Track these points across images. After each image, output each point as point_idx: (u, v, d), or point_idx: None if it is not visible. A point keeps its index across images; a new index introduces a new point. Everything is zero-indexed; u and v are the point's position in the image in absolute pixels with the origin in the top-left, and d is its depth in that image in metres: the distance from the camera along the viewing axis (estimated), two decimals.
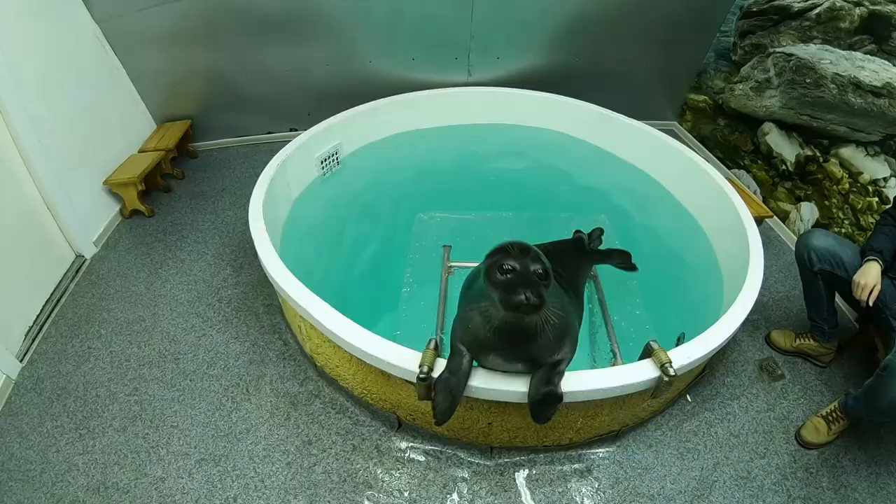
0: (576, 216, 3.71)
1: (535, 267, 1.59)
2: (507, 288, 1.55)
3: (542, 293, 1.54)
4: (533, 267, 1.59)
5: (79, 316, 3.20)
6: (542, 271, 1.60)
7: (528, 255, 1.61)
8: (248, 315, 3.18)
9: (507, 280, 1.56)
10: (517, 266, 1.57)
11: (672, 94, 5.27)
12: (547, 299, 1.57)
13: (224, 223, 3.93)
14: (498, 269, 1.58)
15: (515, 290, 1.53)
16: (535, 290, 1.53)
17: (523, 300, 1.51)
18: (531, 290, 1.52)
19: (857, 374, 2.97)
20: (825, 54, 3.51)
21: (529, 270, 1.58)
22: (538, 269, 1.59)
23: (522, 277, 1.56)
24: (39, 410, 2.69)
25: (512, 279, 1.55)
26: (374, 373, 2.35)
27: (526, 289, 1.52)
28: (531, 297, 1.51)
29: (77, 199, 3.52)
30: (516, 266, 1.57)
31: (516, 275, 1.56)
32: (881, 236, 2.51)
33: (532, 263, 1.59)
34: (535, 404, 1.92)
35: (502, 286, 1.56)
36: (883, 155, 3.18)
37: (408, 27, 4.30)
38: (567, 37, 4.53)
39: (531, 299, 1.51)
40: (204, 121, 4.74)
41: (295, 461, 2.46)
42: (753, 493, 2.43)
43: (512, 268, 1.57)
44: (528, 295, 1.51)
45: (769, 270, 3.57)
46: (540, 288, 1.55)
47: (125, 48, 4.07)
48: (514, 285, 1.54)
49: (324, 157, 3.75)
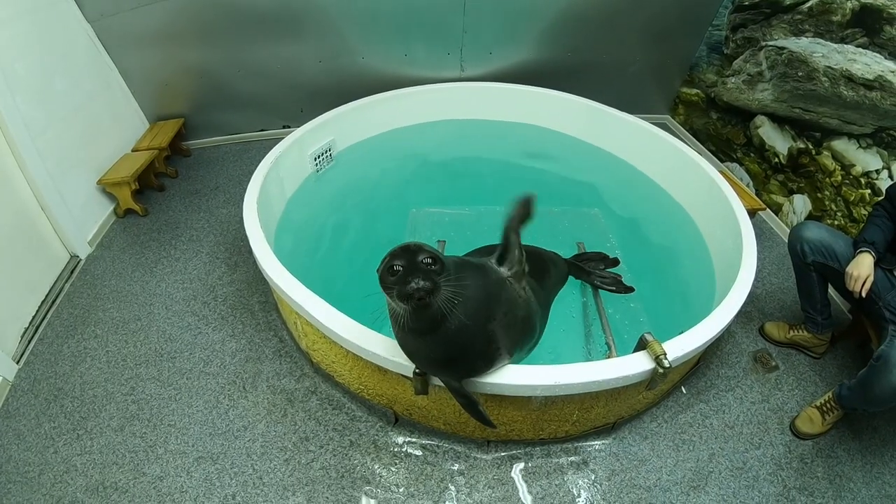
0: (570, 210, 3.72)
1: (422, 257, 1.59)
2: (399, 283, 1.55)
3: (432, 277, 1.55)
4: (419, 257, 1.59)
5: (74, 316, 3.20)
6: (430, 259, 1.60)
7: (411, 250, 1.62)
8: (243, 312, 3.18)
9: (397, 278, 1.56)
10: (404, 262, 1.57)
11: (664, 87, 5.28)
12: (442, 283, 1.58)
13: (218, 221, 3.93)
14: (388, 273, 1.58)
15: (406, 282, 1.54)
16: (425, 276, 1.54)
17: (414, 286, 1.52)
18: (420, 276, 1.53)
19: (850, 365, 2.99)
20: (817, 47, 3.52)
21: (416, 261, 1.58)
22: (424, 258, 1.59)
23: (410, 269, 1.56)
24: (37, 412, 2.69)
25: (401, 275, 1.56)
26: (371, 368, 2.35)
27: (415, 277, 1.53)
28: (421, 282, 1.52)
29: (71, 199, 3.52)
30: (403, 263, 1.57)
31: (404, 270, 1.56)
32: (873, 228, 2.52)
33: (418, 255, 1.60)
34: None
35: (395, 285, 1.56)
36: (875, 147, 3.19)
37: (400, 23, 4.29)
38: (560, 31, 4.53)
39: (421, 283, 1.52)
40: (197, 119, 4.74)
41: (293, 458, 2.47)
42: (749, 483, 2.45)
43: (400, 266, 1.57)
44: (417, 281, 1.52)
45: (762, 262, 3.59)
46: (430, 274, 1.56)
47: (117, 47, 4.07)
48: (403, 279, 1.55)
49: (317, 154, 3.76)
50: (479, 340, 1.83)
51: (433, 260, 1.60)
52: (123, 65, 4.17)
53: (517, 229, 1.99)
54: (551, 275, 2.64)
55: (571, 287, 3.10)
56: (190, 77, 4.43)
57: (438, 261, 1.61)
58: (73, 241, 3.53)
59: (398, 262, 1.57)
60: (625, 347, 2.56)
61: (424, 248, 1.63)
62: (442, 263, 1.62)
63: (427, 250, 1.62)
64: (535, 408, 2.28)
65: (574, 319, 2.95)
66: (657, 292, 3.20)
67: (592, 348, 2.76)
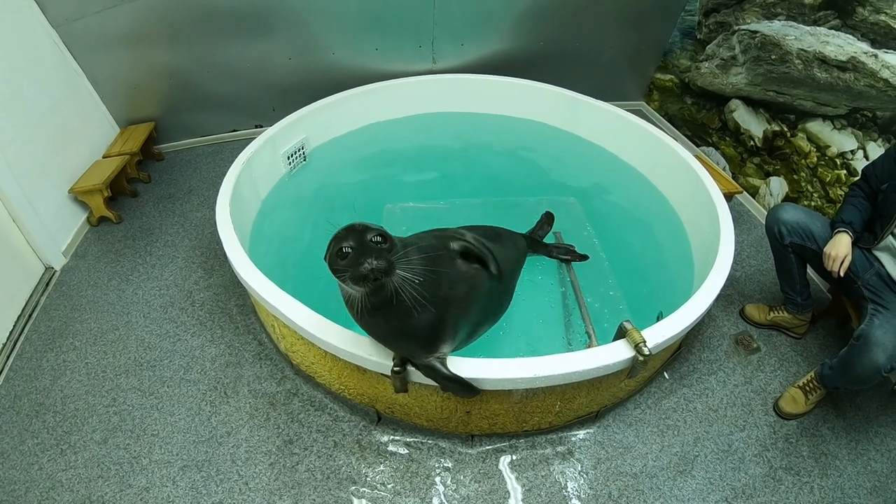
0: (545, 199, 3.70)
1: (370, 236, 1.56)
2: (351, 266, 1.51)
3: (385, 256, 1.52)
4: (368, 237, 1.55)
5: (52, 329, 3.14)
6: (379, 237, 1.57)
7: (357, 230, 1.58)
8: (221, 317, 3.15)
9: (348, 261, 1.52)
10: (352, 244, 1.54)
11: (638, 74, 5.29)
12: (394, 260, 1.55)
13: (193, 225, 3.88)
14: (338, 257, 1.55)
15: (359, 263, 1.50)
16: (377, 255, 1.51)
17: (367, 267, 1.48)
18: (373, 256, 1.50)
19: (831, 344, 3.02)
20: (790, 30, 3.53)
21: (366, 240, 1.54)
22: (373, 237, 1.56)
23: (360, 250, 1.52)
24: (19, 429, 2.64)
25: (352, 257, 1.52)
26: (350, 368, 2.34)
27: (367, 257, 1.50)
28: (374, 261, 1.49)
29: (42, 209, 3.45)
30: (352, 244, 1.54)
31: (355, 251, 1.52)
32: (850, 208, 2.54)
33: (366, 234, 1.56)
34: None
35: (349, 268, 1.52)
36: (850, 128, 3.21)
37: (369, 16, 4.26)
38: (532, 20, 4.53)
39: (375, 263, 1.49)
40: (168, 122, 4.66)
41: (278, 461, 2.45)
42: (735, 465, 2.47)
43: (349, 248, 1.53)
44: (369, 261, 1.49)
45: (741, 245, 3.61)
46: (382, 252, 1.53)
47: (84, 52, 3.99)
48: (355, 260, 1.51)
49: (290, 153, 3.72)
50: (432, 314, 1.79)
51: (382, 238, 1.57)
52: (91, 69, 4.09)
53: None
54: (511, 252, 2.64)
55: (549, 277, 3.10)
56: (159, 79, 4.36)
57: (388, 238, 1.59)
58: (46, 252, 3.46)
59: (346, 245, 1.54)
60: (605, 336, 2.56)
61: (371, 227, 1.60)
62: (391, 241, 1.60)
63: (374, 228, 1.59)
64: (516, 400, 2.28)
65: (553, 309, 2.94)
66: (636, 279, 3.21)
67: (572, 338, 2.76)
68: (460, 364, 2.05)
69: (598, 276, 3.16)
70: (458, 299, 1.90)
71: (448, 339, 1.94)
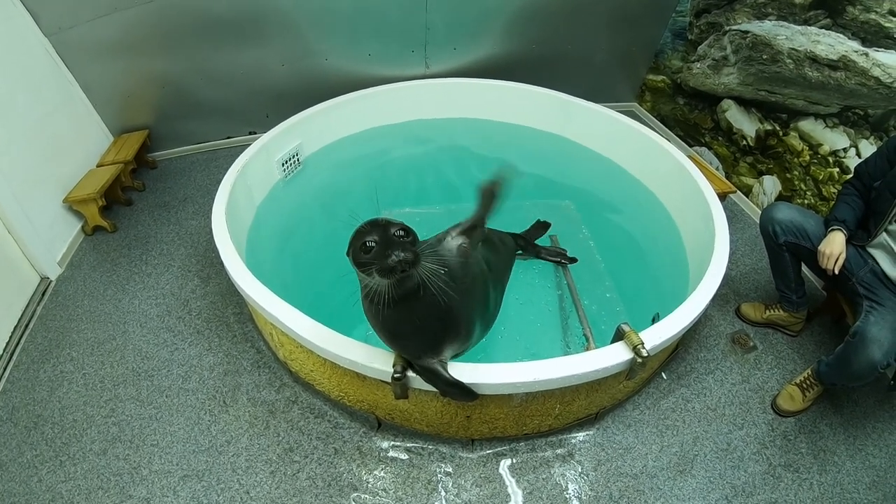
0: (541, 202, 3.72)
1: (393, 230, 1.56)
2: (377, 259, 1.51)
3: (411, 248, 1.52)
4: (391, 230, 1.56)
5: (49, 340, 3.13)
6: (402, 231, 1.57)
7: (381, 224, 1.58)
8: (219, 325, 3.14)
9: (374, 254, 1.52)
10: (376, 237, 1.54)
11: (630, 75, 5.31)
12: (421, 253, 1.56)
13: (188, 233, 3.87)
14: (361, 251, 1.54)
15: (385, 255, 1.50)
16: (403, 247, 1.50)
17: (395, 259, 1.48)
18: (399, 248, 1.50)
19: (827, 341, 3.03)
20: (780, 30, 3.55)
21: (390, 234, 1.54)
22: (396, 230, 1.56)
23: (386, 243, 1.52)
24: (18, 441, 2.63)
25: (378, 250, 1.52)
26: (349, 375, 2.34)
27: (394, 249, 1.49)
28: (402, 253, 1.49)
29: (37, 219, 3.43)
30: (376, 238, 1.54)
31: (379, 245, 1.52)
32: (844, 206, 2.56)
33: (389, 228, 1.57)
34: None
35: (373, 261, 1.52)
36: (842, 126, 3.23)
37: (362, 22, 4.26)
38: (523, 24, 4.53)
39: (402, 255, 1.49)
40: (162, 130, 4.65)
41: (278, 469, 2.44)
42: (734, 463, 2.48)
43: (373, 241, 1.53)
44: (397, 253, 1.48)
45: (735, 245, 3.62)
46: (407, 245, 1.53)
47: (77, 60, 3.97)
48: (381, 253, 1.51)
49: (284, 160, 3.72)
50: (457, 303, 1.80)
51: (405, 231, 1.58)
52: (84, 78, 4.08)
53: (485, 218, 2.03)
54: (502, 253, 2.66)
55: (546, 280, 3.11)
56: (152, 87, 4.35)
57: (410, 232, 1.60)
58: (42, 262, 3.45)
59: (371, 239, 1.54)
60: (602, 338, 2.57)
61: (393, 222, 1.60)
62: (414, 234, 1.61)
63: (396, 223, 1.60)
64: (516, 404, 2.28)
65: (550, 313, 2.96)
66: (632, 280, 3.22)
67: (570, 340, 2.77)
68: (460, 369, 2.05)
69: (594, 278, 3.17)
70: (476, 290, 1.96)
71: (462, 334, 1.95)
